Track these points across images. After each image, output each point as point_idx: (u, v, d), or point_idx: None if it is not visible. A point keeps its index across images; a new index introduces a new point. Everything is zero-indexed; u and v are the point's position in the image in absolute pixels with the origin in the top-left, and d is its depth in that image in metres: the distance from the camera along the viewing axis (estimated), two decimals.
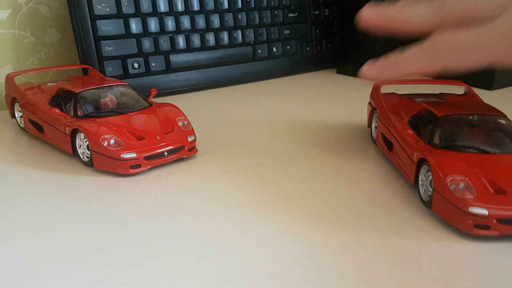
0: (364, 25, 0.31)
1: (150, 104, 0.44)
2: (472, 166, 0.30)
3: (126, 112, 0.42)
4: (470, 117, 0.34)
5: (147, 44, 0.63)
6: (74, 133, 0.40)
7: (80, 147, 0.40)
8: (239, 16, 0.70)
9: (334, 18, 0.82)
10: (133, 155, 0.38)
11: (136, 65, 0.62)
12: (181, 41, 0.65)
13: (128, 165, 0.38)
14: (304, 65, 0.80)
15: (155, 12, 0.63)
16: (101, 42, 0.59)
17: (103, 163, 0.38)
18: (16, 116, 0.50)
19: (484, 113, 0.35)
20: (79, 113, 0.41)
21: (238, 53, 0.71)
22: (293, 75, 0.78)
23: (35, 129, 0.46)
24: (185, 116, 0.44)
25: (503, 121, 0.34)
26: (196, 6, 0.66)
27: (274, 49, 0.75)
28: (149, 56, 0.63)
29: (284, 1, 0.75)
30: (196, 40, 0.67)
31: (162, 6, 0.63)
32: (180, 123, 0.43)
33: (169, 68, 0.65)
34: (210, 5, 0.68)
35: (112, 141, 0.38)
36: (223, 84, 0.71)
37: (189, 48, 0.66)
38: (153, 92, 0.47)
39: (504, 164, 0.30)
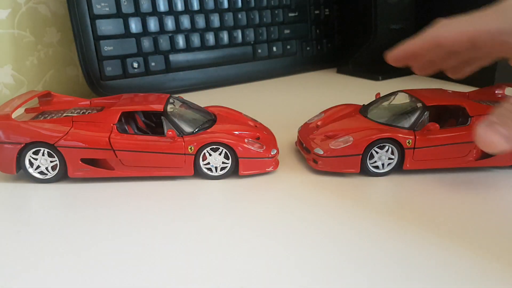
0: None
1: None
2: None
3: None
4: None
5: (146, 43, 0.63)
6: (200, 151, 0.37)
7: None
8: (239, 15, 0.70)
9: (335, 17, 0.82)
10: (275, 151, 0.39)
11: (135, 65, 0.62)
12: (180, 40, 0.65)
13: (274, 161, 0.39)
14: (304, 64, 0.80)
15: (154, 12, 0.63)
16: (101, 41, 0.59)
17: (252, 166, 0.38)
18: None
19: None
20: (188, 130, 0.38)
21: (238, 52, 0.71)
22: (293, 75, 0.78)
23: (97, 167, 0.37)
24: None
25: None
26: (196, 5, 0.66)
27: (274, 48, 0.75)
28: (149, 55, 0.63)
29: (284, 0, 0.75)
30: (196, 39, 0.67)
31: (162, 6, 0.63)
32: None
33: (169, 68, 0.65)
34: (210, 4, 0.67)
35: (252, 144, 0.38)
36: (223, 83, 0.70)
37: (188, 48, 0.66)
38: None
39: None
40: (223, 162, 0.37)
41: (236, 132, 0.39)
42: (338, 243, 0.29)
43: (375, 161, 0.38)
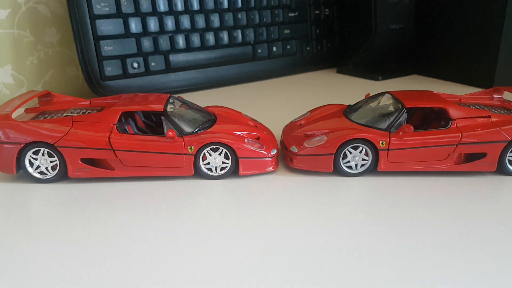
0: None
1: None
2: None
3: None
4: None
5: (146, 43, 0.63)
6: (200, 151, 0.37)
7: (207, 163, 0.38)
8: (239, 15, 0.70)
9: (335, 17, 0.82)
10: (275, 151, 0.39)
11: (135, 65, 0.62)
12: (180, 40, 0.65)
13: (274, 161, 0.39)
14: (304, 64, 0.80)
15: (154, 12, 0.63)
16: (101, 41, 0.59)
17: (252, 166, 0.38)
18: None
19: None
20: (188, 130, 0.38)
21: (238, 52, 0.71)
22: (293, 75, 0.78)
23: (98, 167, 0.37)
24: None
25: None
26: (196, 5, 0.66)
27: (274, 48, 0.75)
28: (149, 55, 0.63)
29: (284, 0, 0.75)
30: (195, 39, 0.67)
31: (162, 6, 0.63)
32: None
33: (169, 68, 0.65)
34: (210, 4, 0.67)
35: (252, 144, 0.38)
36: (223, 83, 0.70)
37: (188, 48, 0.66)
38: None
39: None
40: (223, 162, 0.37)
41: (236, 132, 0.39)
42: (338, 241, 0.29)
43: (349, 161, 0.38)
